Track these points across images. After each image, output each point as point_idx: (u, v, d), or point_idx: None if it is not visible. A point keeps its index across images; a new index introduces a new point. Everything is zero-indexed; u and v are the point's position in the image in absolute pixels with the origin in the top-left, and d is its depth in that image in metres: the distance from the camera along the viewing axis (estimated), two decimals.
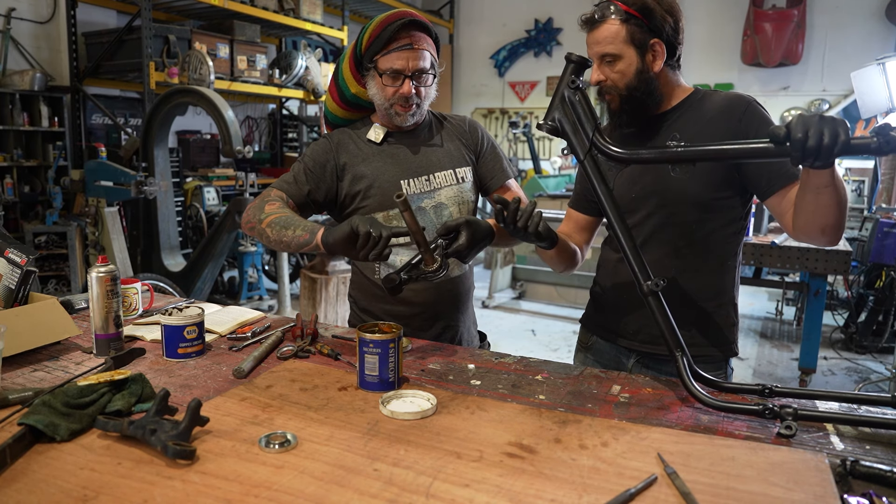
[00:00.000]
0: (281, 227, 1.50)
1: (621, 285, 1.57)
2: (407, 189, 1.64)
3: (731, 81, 7.96)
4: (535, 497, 0.86)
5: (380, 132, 1.67)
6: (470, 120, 1.80)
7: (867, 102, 4.08)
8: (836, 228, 1.27)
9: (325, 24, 7.03)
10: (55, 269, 5.02)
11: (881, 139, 1.00)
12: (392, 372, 1.23)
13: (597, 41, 1.44)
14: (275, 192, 1.62)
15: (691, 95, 1.51)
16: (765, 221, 4.23)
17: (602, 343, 1.65)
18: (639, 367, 1.57)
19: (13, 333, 1.30)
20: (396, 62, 1.55)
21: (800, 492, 0.87)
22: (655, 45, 1.42)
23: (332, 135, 1.72)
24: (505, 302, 6.19)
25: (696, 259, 1.49)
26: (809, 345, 3.96)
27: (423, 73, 1.58)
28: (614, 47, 1.41)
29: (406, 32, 1.55)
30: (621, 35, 1.41)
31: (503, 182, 1.76)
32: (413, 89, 1.57)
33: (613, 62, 1.43)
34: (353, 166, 1.65)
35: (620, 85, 1.44)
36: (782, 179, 1.39)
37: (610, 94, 1.46)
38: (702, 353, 1.50)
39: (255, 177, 5.62)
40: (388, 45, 1.54)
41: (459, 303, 1.73)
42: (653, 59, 1.43)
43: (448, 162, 1.70)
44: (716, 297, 1.52)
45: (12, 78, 5.43)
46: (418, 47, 1.56)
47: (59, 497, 0.85)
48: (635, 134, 1.52)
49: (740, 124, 1.41)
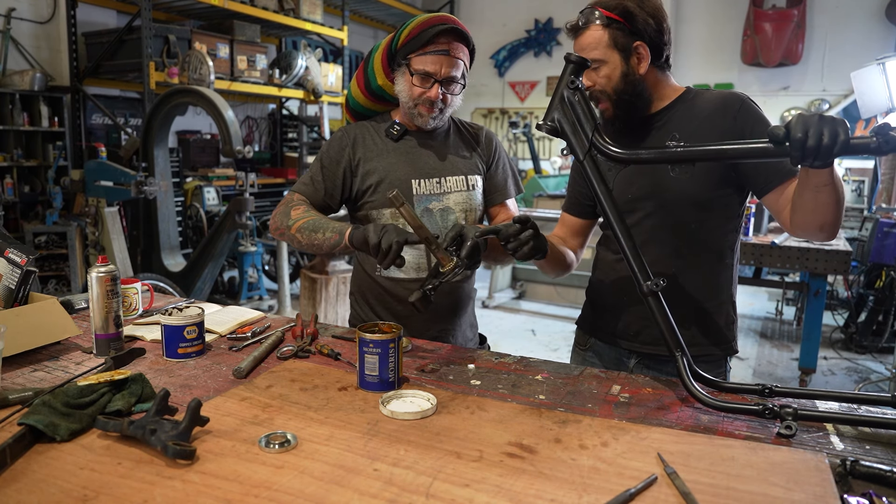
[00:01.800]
0: (310, 231, 1.53)
1: (620, 286, 1.57)
2: (417, 189, 1.64)
3: (731, 81, 7.96)
4: (535, 497, 0.86)
5: (398, 129, 1.68)
6: (487, 131, 1.81)
7: (867, 102, 4.08)
8: (833, 225, 1.29)
9: (325, 24, 7.04)
10: (55, 269, 5.02)
11: (881, 139, 1.00)
12: (392, 372, 1.23)
13: (581, 48, 1.46)
14: (297, 195, 1.65)
15: (683, 94, 1.51)
16: (765, 221, 4.23)
17: (601, 345, 1.65)
18: (640, 369, 1.57)
19: (13, 333, 1.30)
20: (430, 65, 1.55)
21: (800, 492, 0.87)
22: (639, 47, 1.43)
23: (349, 128, 1.72)
24: (505, 302, 6.20)
25: (695, 258, 1.50)
26: (809, 345, 3.96)
27: (453, 80, 1.59)
28: (598, 52, 1.43)
29: (445, 38, 1.55)
30: (604, 40, 1.43)
31: (502, 200, 1.79)
32: (440, 94, 1.58)
33: (599, 67, 1.45)
34: (366, 161, 1.66)
35: (608, 90, 1.46)
36: (779, 176, 1.39)
37: (602, 101, 1.48)
38: (703, 352, 1.50)
39: (255, 177, 5.61)
40: (426, 46, 1.55)
41: (459, 307, 1.74)
42: (637, 61, 1.44)
43: (461, 168, 1.71)
44: (716, 296, 1.52)
45: (12, 78, 5.43)
46: (454, 55, 1.56)
47: (59, 497, 0.85)
48: (628, 134, 1.53)
49: (735, 122, 1.41)
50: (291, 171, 7.64)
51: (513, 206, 1.82)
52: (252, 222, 5.31)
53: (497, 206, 1.79)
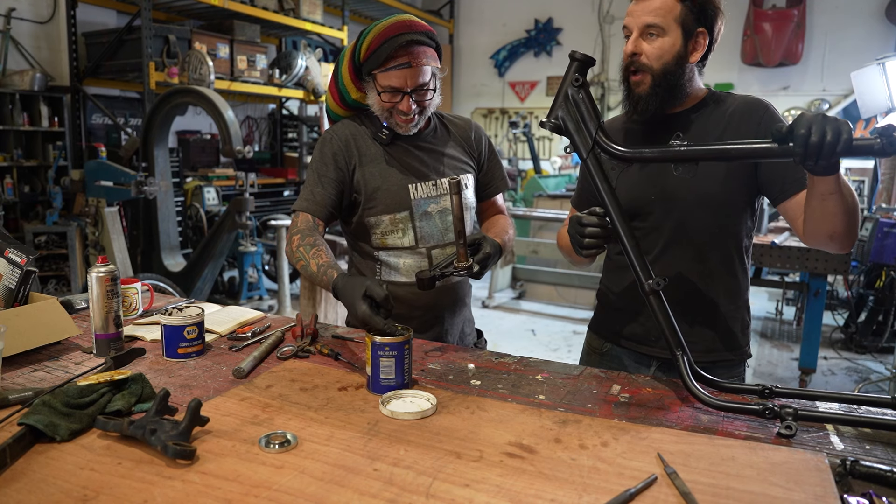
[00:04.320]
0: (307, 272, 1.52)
1: (637, 290, 1.54)
2: (414, 193, 1.64)
3: (731, 81, 7.96)
4: (535, 497, 0.86)
5: (387, 133, 1.65)
6: (475, 125, 1.80)
7: (867, 102, 4.08)
8: (845, 236, 1.26)
9: (325, 24, 7.03)
10: (55, 269, 5.02)
11: (884, 140, 0.99)
12: (407, 374, 1.23)
13: (645, 10, 1.37)
14: (301, 216, 1.61)
15: (708, 97, 1.49)
16: (765, 221, 4.23)
17: (619, 350, 1.61)
18: (659, 374, 1.54)
19: (13, 333, 1.30)
20: (395, 80, 1.52)
21: (800, 492, 0.87)
22: (700, 35, 1.38)
23: (339, 131, 1.67)
24: (505, 302, 6.19)
25: (716, 261, 1.47)
26: (809, 345, 3.96)
27: (422, 88, 1.55)
28: (663, 21, 1.36)
29: (405, 50, 1.50)
30: (675, 11, 1.36)
31: (493, 196, 1.81)
32: (413, 104, 1.56)
33: (655, 37, 1.37)
34: (361, 166, 1.64)
35: (656, 65, 1.38)
36: (796, 185, 1.37)
37: (641, 73, 1.40)
38: (721, 357, 1.49)
39: (255, 177, 5.61)
40: (387, 62, 1.51)
41: (457, 307, 1.74)
42: (693, 48, 1.39)
43: (453, 167, 1.70)
44: (734, 300, 1.50)
45: (12, 78, 5.43)
46: (418, 65, 1.52)
47: (59, 497, 0.85)
48: (651, 132, 1.48)
49: (759, 127, 1.40)
50: (291, 171, 7.64)
51: (500, 204, 1.83)
52: (252, 222, 5.31)
53: (487, 201, 1.81)
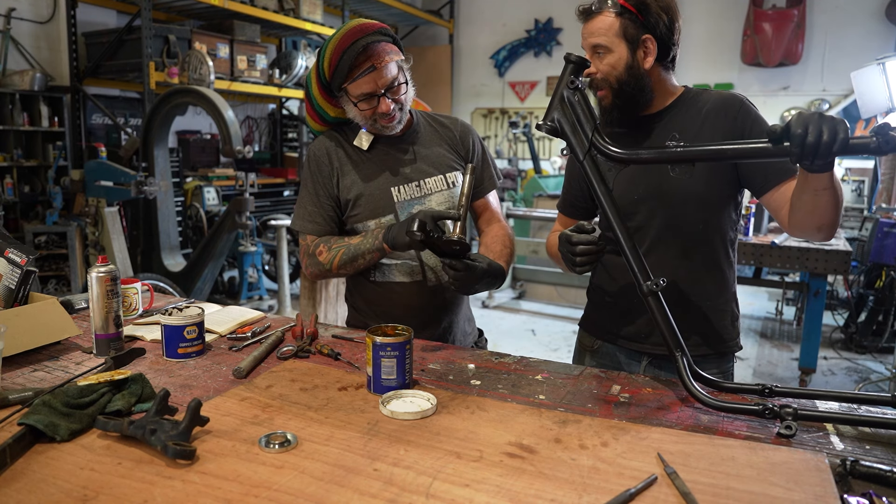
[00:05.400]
0: (350, 261, 1.58)
1: (628, 288, 1.55)
2: (397, 196, 1.64)
3: (731, 81, 7.95)
4: (535, 497, 0.86)
5: (368, 138, 1.66)
6: (462, 123, 1.79)
7: (867, 102, 4.08)
8: (831, 226, 1.30)
9: (325, 24, 7.03)
10: (55, 269, 5.02)
11: (880, 139, 0.99)
12: (408, 373, 1.23)
13: (590, 32, 1.45)
14: (309, 238, 1.66)
15: (682, 95, 1.52)
16: (765, 221, 4.23)
17: (610, 347, 1.63)
18: (651, 370, 1.56)
19: (13, 333, 1.30)
20: (365, 86, 1.53)
21: (800, 492, 0.87)
22: (647, 41, 1.43)
23: (317, 145, 1.69)
24: (505, 302, 6.20)
25: (703, 258, 1.50)
26: (809, 345, 3.96)
27: (394, 83, 1.56)
28: (606, 39, 1.43)
29: (364, 55, 1.51)
30: (614, 28, 1.42)
31: (484, 195, 1.78)
32: (391, 102, 1.57)
33: (604, 55, 1.44)
34: (343, 175, 1.66)
35: (611, 79, 1.45)
36: (778, 176, 1.40)
37: (602, 89, 1.47)
38: (712, 350, 1.51)
39: (255, 177, 5.61)
40: (352, 72, 1.52)
41: (455, 307, 1.74)
42: (644, 55, 1.44)
43: (438, 167, 1.69)
44: (722, 294, 1.53)
45: (12, 78, 5.43)
46: (381, 64, 1.53)
47: (59, 497, 0.85)
48: (628, 134, 1.52)
49: (736, 122, 1.42)
50: (291, 171, 7.64)
51: (493, 200, 1.81)
52: (252, 222, 5.31)
53: (479, 200, 1.78)
